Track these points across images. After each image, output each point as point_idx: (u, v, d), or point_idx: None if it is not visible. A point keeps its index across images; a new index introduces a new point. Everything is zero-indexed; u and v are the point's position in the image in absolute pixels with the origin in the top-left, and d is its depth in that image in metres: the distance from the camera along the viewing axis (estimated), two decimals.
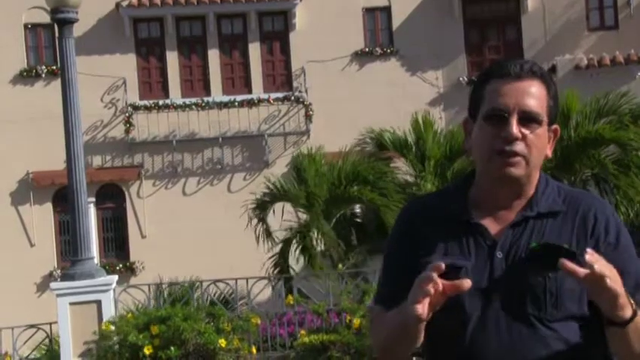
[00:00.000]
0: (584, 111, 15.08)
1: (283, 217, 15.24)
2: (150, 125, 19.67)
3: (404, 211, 2.43)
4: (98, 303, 9.10)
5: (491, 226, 2.22)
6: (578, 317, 2.15)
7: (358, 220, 15.48)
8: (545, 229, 2.20)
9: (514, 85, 2.18)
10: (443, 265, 1.97)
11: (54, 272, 18.86)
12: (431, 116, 16.20)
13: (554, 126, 2.26)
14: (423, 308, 1.97)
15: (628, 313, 2.03)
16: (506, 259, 2.17)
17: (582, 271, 1.94)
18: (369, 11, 20.74)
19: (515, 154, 2.15)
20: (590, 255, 1.96)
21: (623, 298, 2.00)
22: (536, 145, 2.18)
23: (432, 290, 1.96)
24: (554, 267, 2.00)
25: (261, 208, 14.84)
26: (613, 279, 1.97)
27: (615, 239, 2.21)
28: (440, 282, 1.97)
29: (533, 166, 2.20)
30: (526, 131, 2.16)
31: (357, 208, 15.68)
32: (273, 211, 15.11)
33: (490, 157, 2.18)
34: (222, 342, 8.77)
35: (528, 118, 2.17)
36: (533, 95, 2.18)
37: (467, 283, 1.98)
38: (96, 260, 12.45)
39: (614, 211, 2.29)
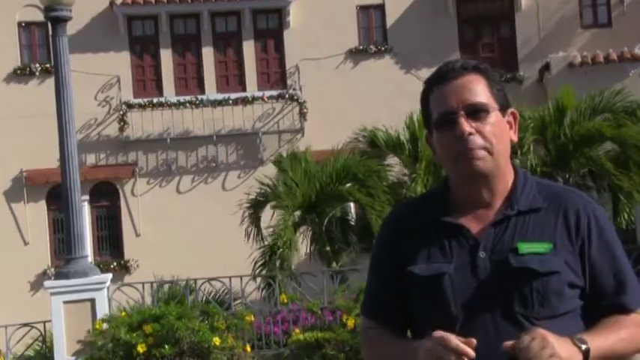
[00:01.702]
0: (579, 108, 15.08)
1: (275, 217, 15.18)
2: (144, 123, 19.64)
3: (389, 216, 2.45)
4: (92, 301, 9.10)
5: (472, 225, 2.23)
6: (565, 314, 2.16)
7: (350, 219, 15.45)
8: (528, 226, 2.20)
9: (451, 86, 2.22)
10: None
11: (48, 270, 18.82)
12: None
13: (511, 109, 2.28)
14: None
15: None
16: (490, 258, 2.18)
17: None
18: (363, 9, 20.73)
19: (474, 148, 2.16)
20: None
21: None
22: (494, 134, 2.19)
23: None
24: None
25: (254, 208, 14.79)
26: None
27: (598, 238, 2.21)
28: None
29: (500, 156, 2.21)
30: (478, 123, 2.18)
31: (351, 206, 15.66)
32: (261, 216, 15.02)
33: (454, 160, 2.20)
34: (217, 340, 8.77)
35: (475, 111, 2.19)
36: (472, 88, 2.21)
37: (472, 346, 2.01)
38: (90, 258, 12.44)
39: (599, 208, 2.28)
